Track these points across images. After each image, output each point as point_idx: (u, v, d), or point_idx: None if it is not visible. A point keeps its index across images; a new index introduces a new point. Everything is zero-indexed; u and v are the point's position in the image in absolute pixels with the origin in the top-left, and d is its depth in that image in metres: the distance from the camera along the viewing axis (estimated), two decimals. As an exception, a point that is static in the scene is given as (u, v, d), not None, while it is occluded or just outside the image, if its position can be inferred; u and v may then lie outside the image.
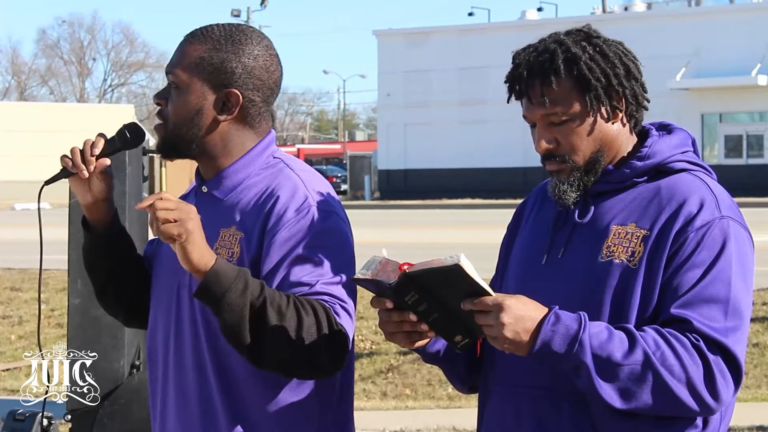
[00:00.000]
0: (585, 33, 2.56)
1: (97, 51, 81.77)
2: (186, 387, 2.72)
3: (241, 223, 2.69)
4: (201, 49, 2.71)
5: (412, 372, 9.54)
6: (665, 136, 2.59)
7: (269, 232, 2.64)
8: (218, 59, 2.70)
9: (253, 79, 2.71)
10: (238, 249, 2.66)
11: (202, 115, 2.71)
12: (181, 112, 2.71)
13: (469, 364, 2.68)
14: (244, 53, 2.71)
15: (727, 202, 2.51)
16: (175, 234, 2.48)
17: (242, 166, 2.74)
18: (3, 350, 11.01)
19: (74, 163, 2.68)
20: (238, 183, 2.73)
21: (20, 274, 14.31)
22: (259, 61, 2.72)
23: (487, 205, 32.01)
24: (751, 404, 8.37)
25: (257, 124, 2.75)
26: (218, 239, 2.69)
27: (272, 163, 2.76)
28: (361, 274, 2.42)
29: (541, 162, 2.57)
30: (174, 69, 2.72)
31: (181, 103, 2.71)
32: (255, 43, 2.73)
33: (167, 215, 2.48)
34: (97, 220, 2.78)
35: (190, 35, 2.75)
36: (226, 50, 2.70)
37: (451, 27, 47.78)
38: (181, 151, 2.75)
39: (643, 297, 2.44)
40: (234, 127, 2.73)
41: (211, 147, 2.73)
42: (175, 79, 2.72)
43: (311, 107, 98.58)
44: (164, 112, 2.74)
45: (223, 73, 2.70)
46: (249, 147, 2.75)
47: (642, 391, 2.35)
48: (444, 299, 2.37)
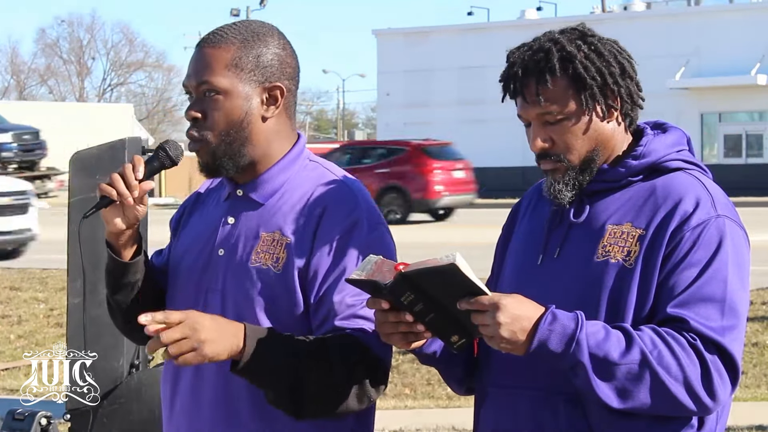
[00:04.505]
0: (580, 32, 2.56)
1: (96, 50, 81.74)
2: (208, 390, 2.67)
3: (288, 228, 2.64)
4: (231, 50, 2.63)
5: (411, 371, 9.53)
6: (660, 135, 2.59)
7: (320, 239, 2.60)
8: (253, 55, 2.63)
9: (287, 68, 2.68)
10: (284, 254, 2.61)
11: (252, 116, 2.63)
12: (230, 118, 2.61)
13: (466, 365, 2.67)
14: (273, 44, 2.67)
15: (723, 201, 2.51)
16: (192, 357, 2.41)
17: (281, 169, 2.68)
18: (2, 350, 11.01)
19: (118, 192, 2.54)
20: (279, 186, 2.67)
21: (19, 273, 14.31)
22: (287, 49, 2.69)
23: (486, 204, 31.97)
24: (750, 404, 8.36)
25: (293, 115, 2.72)
26: (259, 243, 2.63)
27: (310, 166, 2.72)
28: (356, 275, 2.41)
29: (536, 161, 2.57)
30: (208, 78, 2.61)
31: (229, 109, 2.61)
32: (274, 34, 2.69)
33: (179, 345, 2.40)
34: (124, 245, 2.65)
35: (208, 42, 2.65)
36: (257, 45, 2.64)
37: (450, 26, 47.80)
38: (235, 160, 2.64)
39: (639, 297, 2.44)
40: (278, 121, 2.68)
41: (258, 148, 2.66)
42: (212, 86, 2.61)
43: (310, 106, 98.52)
44: (206, 124, 2.62)
45: (263, 68, 2.64)
46: (287, 147, 2.70)
47: (639, 390, 2.36)
48: (440, 299, 2.37)
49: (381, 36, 48.04)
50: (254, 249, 2.63)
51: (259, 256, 2.62)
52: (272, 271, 2.61)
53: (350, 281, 2.44)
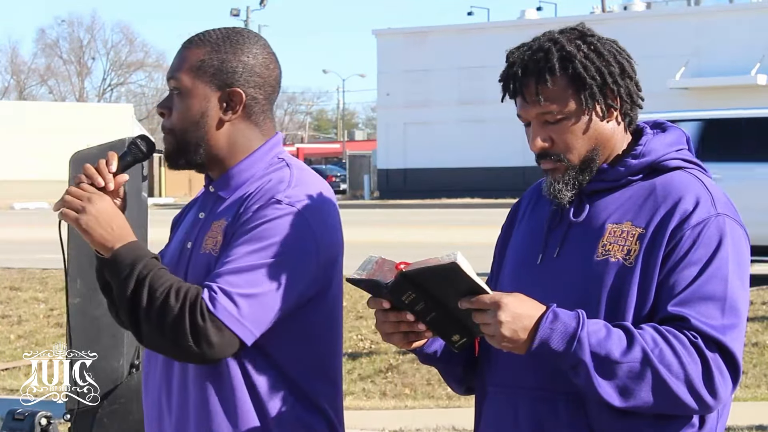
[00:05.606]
0: (579, 31, 2.56)
1: (96, 50, 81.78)
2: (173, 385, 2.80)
3: (230, 214, 2.74)
4: (200, 53, 2.75)
5: (412, 371, 9.53)
6: (659, 134, 2.59)
7: (240, 222, 2.70)
8: (218, 60, 2.74)
9: (254, 77, 2.76)
10: (221, 237, 2.72)
11: (208, 117, 2.75)
12: (186, 117, 2.75)
13: (467, 365, 2.67)
14: (243, 52, 2.76)
15: (723, 200, 2.51)
16: (72, 215, 2.66)
17: (247, 165, 2.77)
18: (2, 350, 11.01)
19: (95, 184, 2.71)
20: (243, 182, 2.76)
21: (19, 273, 14.32)
22: (258, 59, 2.77)
23: (486, 204, 32.01)
24: (751, 403, 8.36)
25: (262, 123, 2.79)
26: (209, 230, 2.75)
27: (276, 163, 2.79)
28: (357, 274, 2.41)
29: (536, 161, 2.57)
30: (175, 75, 2.76)
31: (186, 108, 2.75)
32: (252, 43, 2.78)
33: (71, 200, 2.66)
34: None
35: (188, 41, 2.79)
36: (225, 51, 2.75)
37: (450, 26, 47.81)
38: (190, 157, 2.77)
39: (640, 295, 2.44)
40: (239, 126, 2.77)
41: (218, 149, 2.77)
42: (177, 84, 2.76)
43: (310, 106, 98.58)
44: (169, 121, 2.77)
45: (225, 73, 2.74)
46: (255, 147, 2.78)
47: (640, 388, 2.35)
48: (441, 298, 2.37)
49: (381, 36, 48.04)
50: (205, 237, 2.76)
51: (206, 242, 2.75)
52: (213, 256, 2.72)
53: (351, 281, 2.44)
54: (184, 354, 2.64)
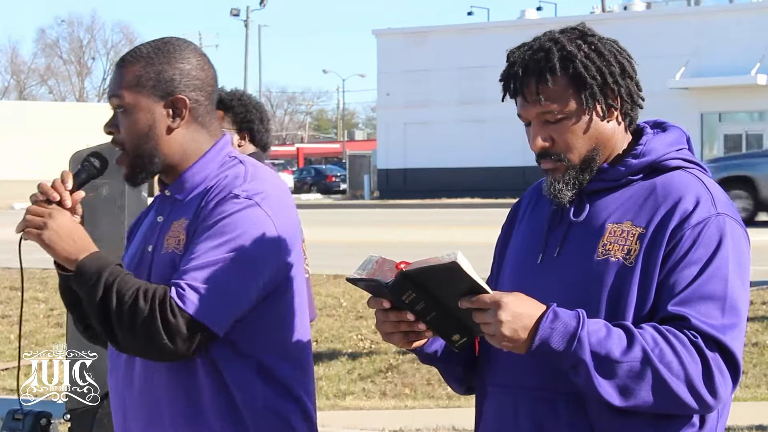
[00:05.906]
0: (580, 31, 2.56)
1: (96, 50, 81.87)
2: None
3: (190, 212, 2.80)
4: (136, 68, 2.84)
5: (412, 371, 9.53)
6: (660, 134, 2.59)
7: (201, 218, 2.76)
8: (154, 72, 2.83)
9: (193, 80, 2.85)
10: (184, 235, 2.78)
11: (156, 128, 2.83)
12: (135, 131, 2.83)
13: (467, 364, 2.67)
14: (177, 59, 2.85)
15: (723, 199, 2.51)
16: (35, 233, 2.78)
17: (200, 168, 2.86)
18: (2, 350, 11.01)
19: (51, 200, 2.80)
20: (198, 183, 2.84)
21: (19, 273, 14.29)
22: (192, 62, 2.86)
23: (486, 204, 32.02)
24: (750, 403, 8.36)
25: (208, 124, 2.88)
26: (169, 230, 2.82)
27: (229, 162, 2.87)
28: (357, 274, 2.41)
29: (536, 160, 2.57)
30: (116, 93, 2.84)
31: (133, 123, 2.83)
32: (183, 49, 2.87)
33: (33, 218, 2.78)
34: None
35: (121, 60, 2.88)
36: (159, 62, 2.84)
37: (450, 26, 47.78)
38: (149, 169, 2.85)
39: (640, 295, 2.44)
40: (188, 130, 2.85)
41: (171, 156, 2.85)
42: (120, 102, 2.84)
43: (310, 106, 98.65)
44: (119, 138, 2.85)
45: (164, 83, 2.83)
46: (205, 149, 2.87)
47: (641, 388, 2.35)
48: (441, 298, 2.37)
49: (381, 36, 48.03)
50: (165, 237, 2.82)
51: (168, 242, 2.82)
52: (177, 254, 2.78)
53: (351, 280, 2.45)
54: (160, 352, 2.68)
